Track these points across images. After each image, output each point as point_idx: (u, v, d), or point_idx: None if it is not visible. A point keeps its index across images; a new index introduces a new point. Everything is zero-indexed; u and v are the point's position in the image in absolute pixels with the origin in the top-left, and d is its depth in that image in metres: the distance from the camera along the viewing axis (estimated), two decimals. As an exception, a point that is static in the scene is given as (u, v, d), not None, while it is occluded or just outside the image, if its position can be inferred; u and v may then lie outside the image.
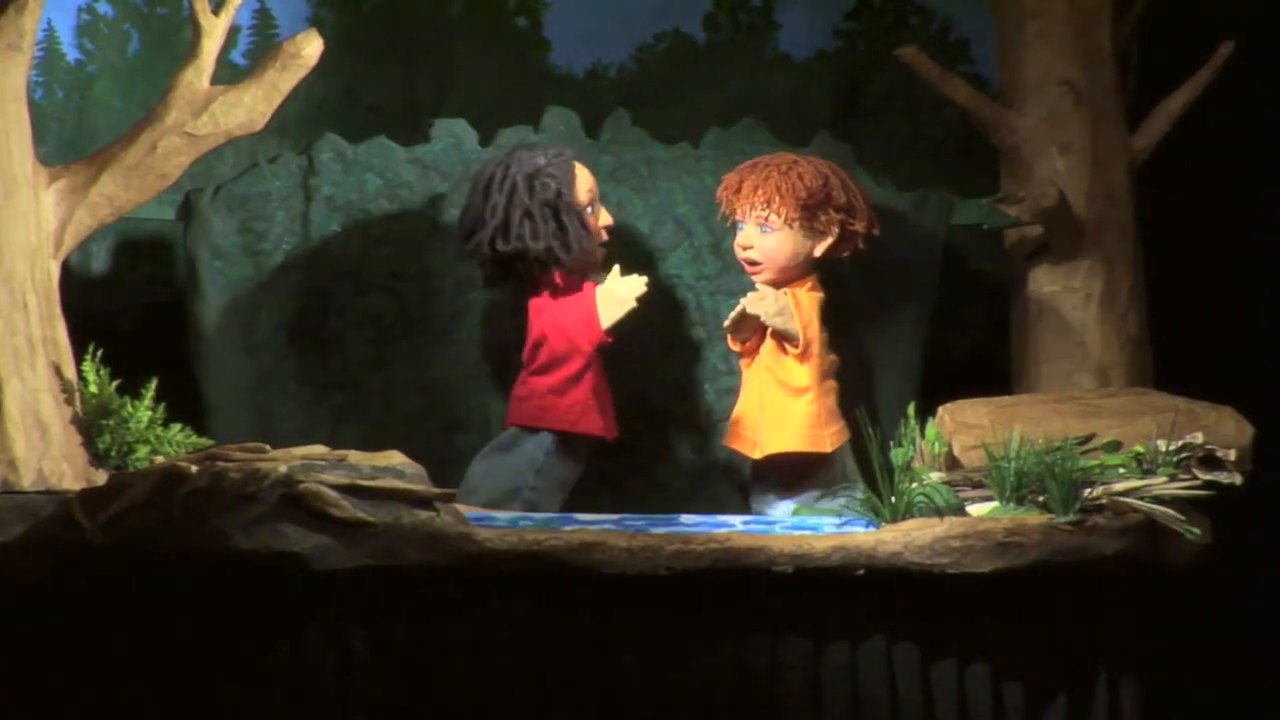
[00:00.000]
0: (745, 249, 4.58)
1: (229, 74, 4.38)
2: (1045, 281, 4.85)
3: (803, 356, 4.49)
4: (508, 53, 5.19)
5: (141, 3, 5.04)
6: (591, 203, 4.59)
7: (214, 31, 4.13)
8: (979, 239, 5.04)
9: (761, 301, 4.50)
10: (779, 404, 4.51)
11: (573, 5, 5.20)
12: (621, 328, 4.55)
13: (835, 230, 4.54)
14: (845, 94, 5.24)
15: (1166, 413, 4.21)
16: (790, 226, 4.52)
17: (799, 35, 5.27)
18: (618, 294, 4.52)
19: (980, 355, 5.03)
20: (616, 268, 4.55)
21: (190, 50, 4.14)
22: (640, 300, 4.51)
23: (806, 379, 4.50)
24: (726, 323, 4.56)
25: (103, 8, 5.01)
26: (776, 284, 4.55)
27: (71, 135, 4.93)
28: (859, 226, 4.55)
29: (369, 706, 3.77)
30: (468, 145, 4.86)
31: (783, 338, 4.50)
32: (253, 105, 4.15)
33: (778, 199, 4.52)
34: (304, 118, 4.97)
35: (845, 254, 4.59)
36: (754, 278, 4.60)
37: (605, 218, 4.63)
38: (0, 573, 3.77)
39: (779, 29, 5.27)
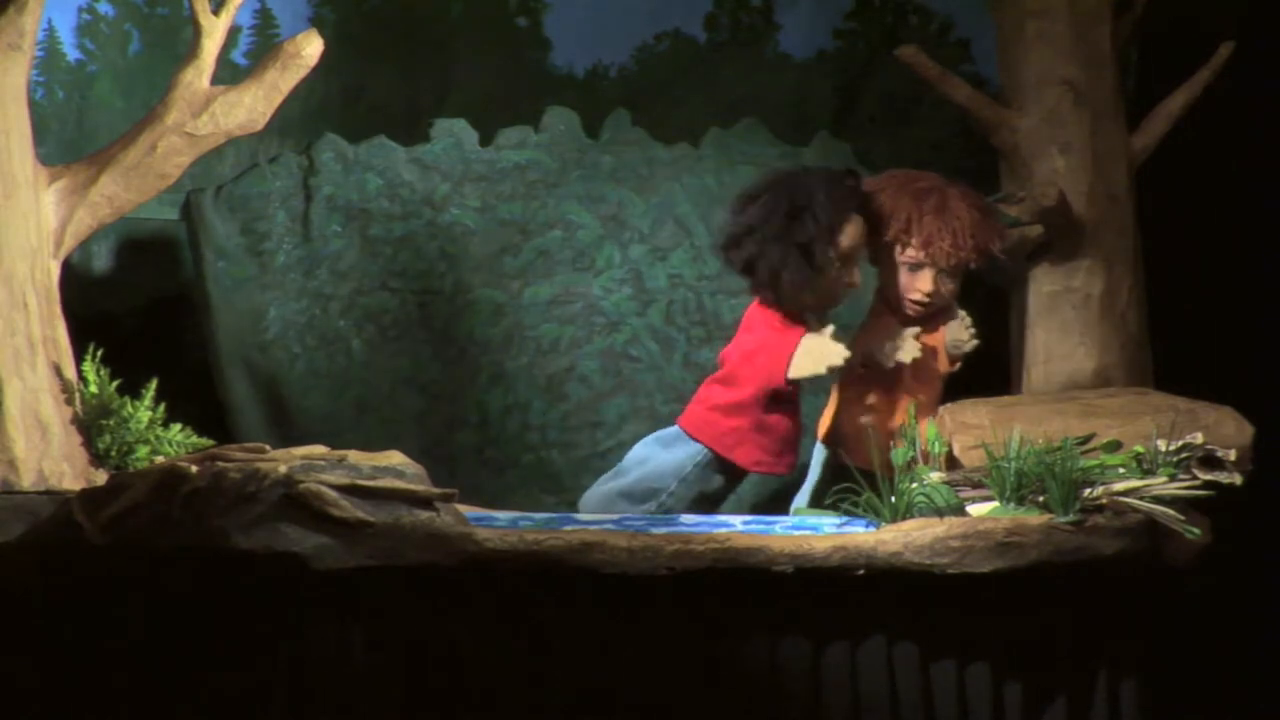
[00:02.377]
0: (930, 295, 4.51)
1: (229, 74, 4.38)
2: (1045, 281, 4.84)
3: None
4: (508, 53, 5.19)
5: (141, 3, 5.04)
6: (848, 257, 4.43)
7: (214, 31, 4.13)
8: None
9: (966, 331, 4.52)
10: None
11: (573, 5, 5.20)
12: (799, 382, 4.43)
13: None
14: (845, 94, 5.24)
15: (1166, 413, 4.20)
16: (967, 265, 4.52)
17: (799, 35, 5.27)
18: (818, 352, 4.38)
19: (980, 355, 5.02)
20: (831, 328, 4.41)
21: (190, 50, 4.14)
22: (833, 372, 4.39)
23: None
24: (898, 358, 4.47)
25: (103, 8, 5.02)
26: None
27: (71, 135, 4.93)
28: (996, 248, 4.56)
29: (369, 706, 3.77)
30: (468, 145, 4.87)
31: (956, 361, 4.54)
32: (253, 105, 4.15)
33: (971, 242, 4.48)
34: (304, 118, 4.97)
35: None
36: (914, 315, 4.53)
37: (856, 277, 4.46)
38: (0, 573, 3.76)
39: (779, 29, 5.27)
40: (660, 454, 4.48)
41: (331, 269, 4.78)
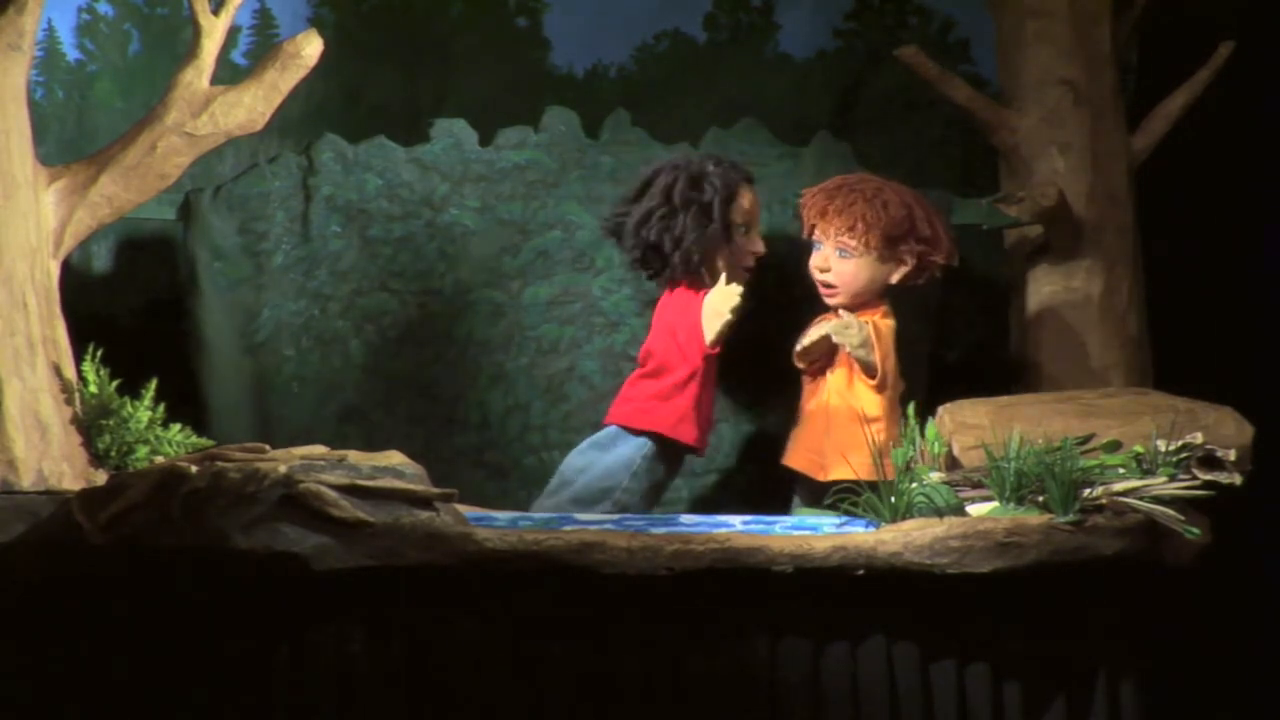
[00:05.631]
0: (822, 271, 4.57)
1: (229, 74, 4.38)
2: (1045, 281, 4.85)
3: (879, 388, 4.48)
4: (508, 53, 5.19)
5: (141, 3, 5.04)
6: (747, 224, 4.60)
7: (214, 31, 4.13)
8: (979, 239, 5.03)
9: (846, 330, 4.48)
10: (847, 431, 4.45)
11: (573, 5, 5.20)
12: (727, 339, 4.51)
13: (913, 260, 4.53)
14: (845, 94, 5.24)
15: (1166, 413, 4.20)
16: (870, 253, 4.51)
17: (799, 35, 5.27)
18: (717, 304, 4.48)
19: (980, 355, 5.03)
20: (723, 278, 4.52)
21: (190, 50, 4.13)
22: (737, 311, 4.47)
23: (879, 409, 4.48)
24: (801, 345, 4.54)
25: (103, 8, 5.01)
26: (849, 308, 4.54)
27: (71, 135, 4.93)
28: (938, 258, 4.54)
29: (369, 707, 3.77)
30: (468, 145, 4.87)
31: (863, 368, 4.49)
32: (253, 105, 4.15)
33: (861, 226, 4.51)
34: (304, 118, 4.97)
35: (920, 282, 4.58)
36: (827, 300, 4.58)
37: (758, 244, 4.62)
38: (0, 573, 3.76)
39: (779, 29, 5.27)
40: (602, 456, 4.55)
41: (331, 269, 4.78)
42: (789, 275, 4.75)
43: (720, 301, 4.47)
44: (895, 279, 4.55)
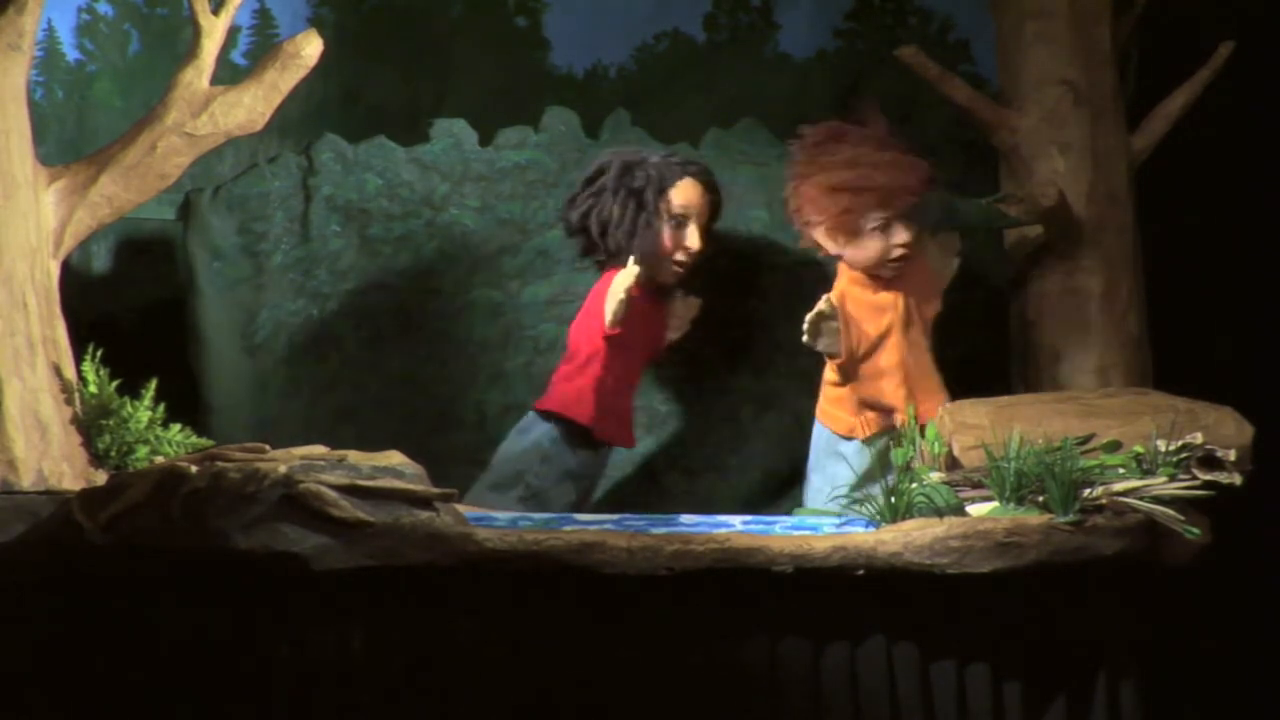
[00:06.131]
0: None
1: (229, 74, 4.38)
2: (1045, 282, 4.84)
3: (840, 367, 4.49)
4: (508, 53, 5.20)
5: (141, 3, 5.04)
6: (682, 216, 4.60)
7: (214, 31, 4.13)
8: (979, 239, 5.03)
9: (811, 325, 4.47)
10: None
11: (573, 5, 5.20)
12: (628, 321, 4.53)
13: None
14: (845, 94, 5.24)
15: (1166, 413, 4.20)
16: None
17: (799, 35, 5.27)
18: (614, 287, 4.52)
19: (980, 355, 5.02)
20: (630, 260, 4.54)
21: (190, 50, 4.14)
22: (630, 291, 4.49)
23: (834, 374, 4.52)
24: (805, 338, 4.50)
25: (103, 8, 5.02)
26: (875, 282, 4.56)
27: (71, 135, 4.93)
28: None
29: (369, 707, 3.77)
30: (468, 145, 4.87)
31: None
32: (252, 105, 4.15)
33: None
34: (304, 118, 4.97)
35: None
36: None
37: (693, 239, 4.62)
38: (0, 573, 3.76)
39: (779, 29, 5.28)
40: (518, 440, 4.60)
41: (330, 269, 4.78)
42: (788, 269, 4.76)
43: (618, 282, 4.50)
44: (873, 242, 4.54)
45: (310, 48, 4.18)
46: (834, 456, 4.53)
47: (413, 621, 3.78)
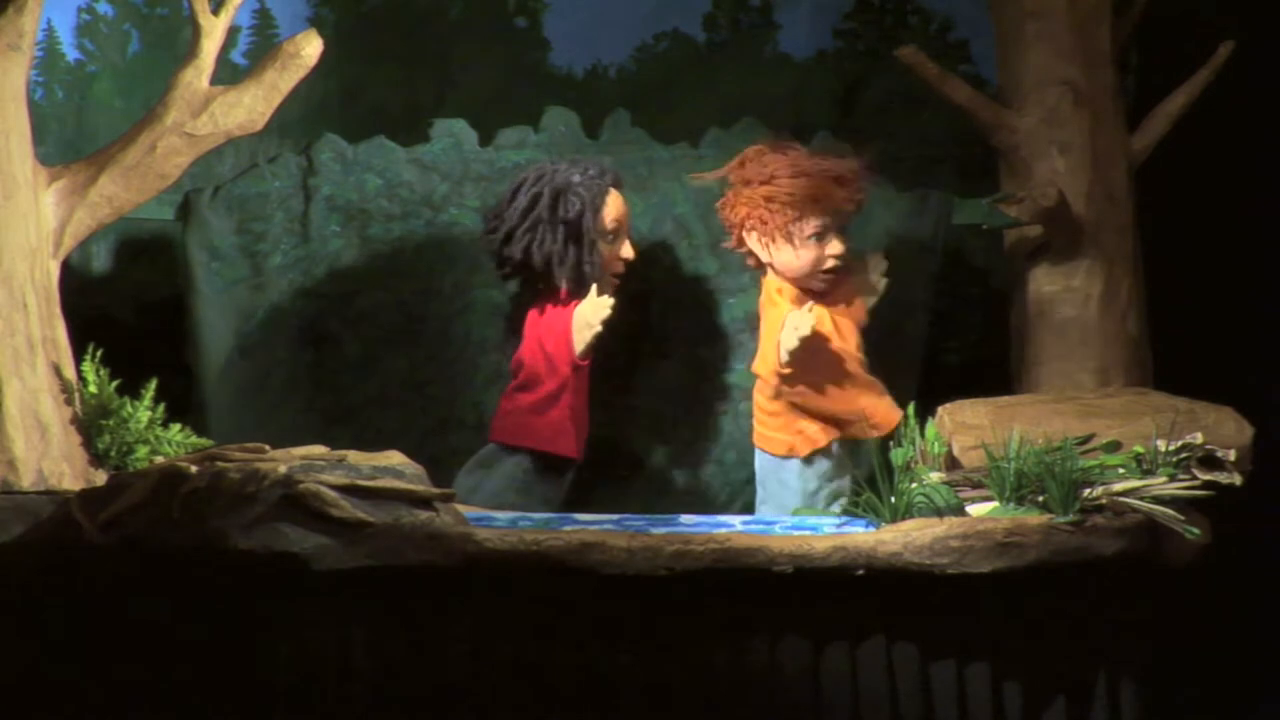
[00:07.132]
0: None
1: (229, 74, 4.38)
2: (1045, 281, 4.84)
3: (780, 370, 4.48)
4: (508, 53, 5.20)
5: (141, 3, 5.04)
6: (616, 232, 4.59)
7: (214, 31, 4.13)
8: (979, 239, 5.04)
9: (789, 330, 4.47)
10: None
11: (573, 5, 5.21)
12: (602, 345, 4.53)
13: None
14: (845, 94, 5.24)
15: (1166, 413, 4.21)
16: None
17: (799, 35, 5.27)
18: (587, 315, 4.49)
19: (980, 355, 5.03)
20: (594, 288, 4.53)
21: (190, 50, 4.14)
22: (606, 324, 4.48)
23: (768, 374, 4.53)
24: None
25: (103, 8, 5.02)
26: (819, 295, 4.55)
27: (71, 135, 4.93)
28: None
29: (369, 706, 3.77)
30: (468, 145, 4.87)
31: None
32: (252, 105, 4.15)
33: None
34: (304, 118, 4.97)
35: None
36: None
37: (628, 250, 4.62)
38: (0, 573, 3.76)
39: (779, 29, 5.28)
40: (487, 475, 4.56)
41: (330, 269, 4.78)
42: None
43: (591, 313, 4.48)
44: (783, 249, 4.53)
45: (310, 48, 4.18)
46: (778, 483, 4.53)
47: (413, 621, 3.78)
